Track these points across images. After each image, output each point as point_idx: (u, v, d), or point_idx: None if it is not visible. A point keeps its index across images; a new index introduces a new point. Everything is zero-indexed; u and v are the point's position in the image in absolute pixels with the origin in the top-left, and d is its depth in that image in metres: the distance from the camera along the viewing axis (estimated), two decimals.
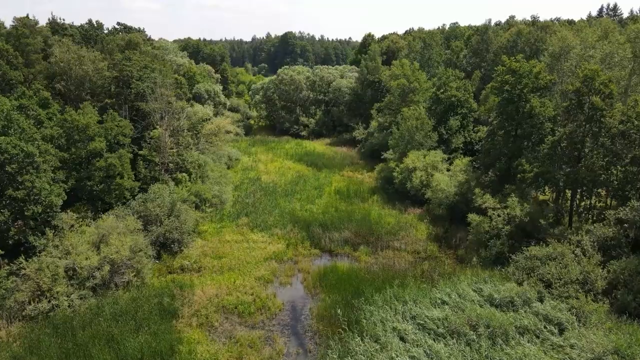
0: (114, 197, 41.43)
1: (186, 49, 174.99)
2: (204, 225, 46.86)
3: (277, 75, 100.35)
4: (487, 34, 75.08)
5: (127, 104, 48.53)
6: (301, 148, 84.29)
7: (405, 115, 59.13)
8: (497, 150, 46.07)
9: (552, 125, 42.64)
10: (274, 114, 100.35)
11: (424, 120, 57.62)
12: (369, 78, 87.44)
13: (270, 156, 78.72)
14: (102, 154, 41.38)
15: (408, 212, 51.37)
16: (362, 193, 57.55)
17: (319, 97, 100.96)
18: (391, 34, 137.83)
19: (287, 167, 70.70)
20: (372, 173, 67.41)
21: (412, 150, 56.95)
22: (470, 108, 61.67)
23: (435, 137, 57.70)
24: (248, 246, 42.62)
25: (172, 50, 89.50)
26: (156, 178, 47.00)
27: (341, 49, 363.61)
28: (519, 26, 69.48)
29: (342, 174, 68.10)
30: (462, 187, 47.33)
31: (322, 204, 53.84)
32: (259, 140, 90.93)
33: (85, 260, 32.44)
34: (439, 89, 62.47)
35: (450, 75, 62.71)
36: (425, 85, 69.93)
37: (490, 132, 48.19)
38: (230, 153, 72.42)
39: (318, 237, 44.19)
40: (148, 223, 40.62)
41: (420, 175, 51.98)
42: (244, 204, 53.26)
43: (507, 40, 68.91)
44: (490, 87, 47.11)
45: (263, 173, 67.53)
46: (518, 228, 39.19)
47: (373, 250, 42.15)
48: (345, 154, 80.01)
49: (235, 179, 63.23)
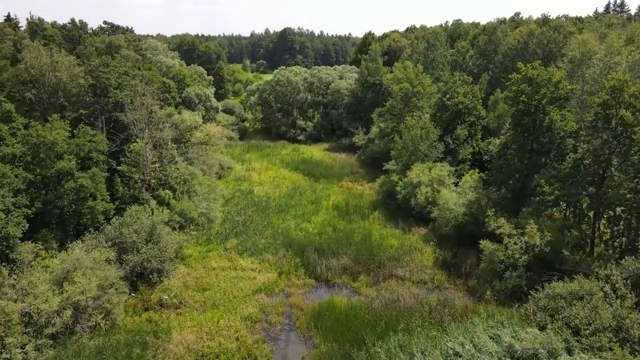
0: (85, 222, 37.12)
1: (181, 47, 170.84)
2: (189, 249, 42.64)
3: (273, 76, 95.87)
4: (496, 34, 70.55)
5: (104, 114, 44.16)
6: (298, 154, 79.94)
7: (409, 124, 54.77)
8: (510, 166, 41.78)
9: (574, 141, 38.31)
10: (270, 117, 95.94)
11: (429, 129, 53.27)
12: (369, 80, 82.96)
13: (264, 164, 74.40)
14: (73, 174, 37.05)
15: (412, 231, 47.11)
16: (362, 208, 53.27)
17: (317, 99, 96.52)
18: (392, 31, 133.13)
19: (283, 177, 66.40)
20: (372, 184, 63.11)
21: (416, 163, 52.64)
22: (479, 115, 57.29)
23: (441, 148, 53.39)
24: (236, 275, 38.39)
25: (162, 51, 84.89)
26: (136, 197, 42.72)
27: (341, 45, 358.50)
28: (529, 26, 65.01)
29: (341, 184, 63.82)
30: (472, 207, 43.06)
31: (319, 221, 49.59)
32: (254, 146, 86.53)
33: (43, 304, 28.21)
34: (445, 95, 58.05)
35: (457, 80, 58.28)
36: (430, 89, 65.51)
37: (503, 145, 43.87)
38: (222, 161, 68.14)
39: (313, 263, 39.95)
40: (123, 251, 36.37)
41: (425, 192, 47.71)
42: (234, 222, 48.98)
43: (518, 41, 64.40)
44: (504, 97, 42.72)
45: (256, 184, 63.23)
46: (537, 258, 34.98)
47: (374, 280, 37.92)
48: (345, 162, 75.67)
49: (226, 192, 58.94)
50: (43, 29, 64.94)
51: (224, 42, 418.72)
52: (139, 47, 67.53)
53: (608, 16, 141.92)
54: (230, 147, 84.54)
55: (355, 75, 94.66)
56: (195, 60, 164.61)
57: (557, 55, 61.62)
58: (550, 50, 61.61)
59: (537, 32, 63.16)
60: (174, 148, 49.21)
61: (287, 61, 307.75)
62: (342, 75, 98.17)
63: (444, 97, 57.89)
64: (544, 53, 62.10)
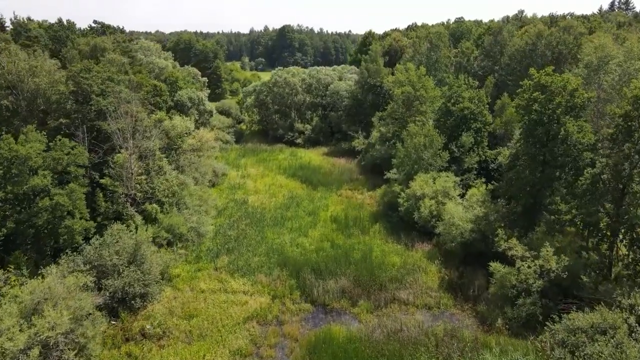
0: (62, 243, 34.26)
1: (178, 45, 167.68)
2: (177, 268, 39.79)
3: (270, 77, 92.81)
4: (502, 34, 67.47)
5: (86, 123, 41.19)
6: (295, 159, 77.00)
7: (412, 131, 51.81)
8: (521, 179, 38.86)
9: (591, 154, 35.39)
10: (267, 119, 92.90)
11: (433, 137, 50.32)
12: (369, 82, 79.91)
13: (261, 170, 71.48)
14: (48, 191, 34.17)
15: (415, 247, 44.27)
16: (362, 221, 50.40)
17: (315, 101, 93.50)
18: (393, 30, 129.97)
19: (279, 185, 63.50)
20: (373, 193, 60.22)
21: (419, 173, 49.72)
22: (485, 121, 54.33)
23: (446, 157, 50.44)
24: (226, 299, 35.54)
25: (154, 51, 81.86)
26: (120, 213, 39.84)
27: (341, 42, 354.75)
28: (537, 27, 61.98)
29: (340, 193, 60.91)
30: (480, 223, 40.20)
31: (316, 236, 46.73)
32: (250, 150, 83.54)
33: (8, 342, 25.36)
34: (449, 100, 55.07)
35: (462, 83, 55.30)
36: (433, 93, 62.49)
37: (513, 157, 40.95)
38: (215, 168, 65.21)
39: (310, 285, 37.11)
40: (103, 275, 33.55)
41: (429, 205, 44.81)
42: (226, 237, 46.09)
43: (526, 43, 61.34)
44: (515, 105, 39.77)
45: (251, 193, 60.32)
46: (553, 283, 32.16)
47: (375, 304, 35.09)
48: (344, 167, 72.72)
49: (219, 201, 56.05)
50: (27, 29, 61.90)
51: (222, 40, 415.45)
52: (129, 49, 64.50)
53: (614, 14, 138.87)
54: (225, 151, 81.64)
55: (355, 76, 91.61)
56: (192, 59, 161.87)
57: (567, 57, 58.68)
58: (560, 52, 58.60)
59: (545, 33, 60.10)
60: (162, 158, 46.26)
61: (286, 59, 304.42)
62: (342, 76, 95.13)
63: (449, 102, 54.92)
64: (554, 55, 59.09)
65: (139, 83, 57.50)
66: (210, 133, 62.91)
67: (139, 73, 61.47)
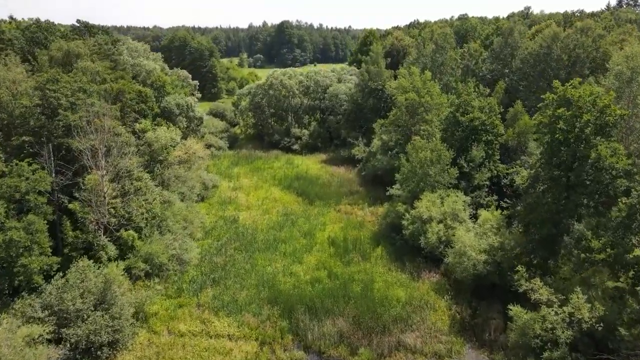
0: (17, 284, 29.89)
1: (172, 42, 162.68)
2: (155, 305, 35.39)
3: (266, 79, 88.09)
4: (513, 35, 62.73)
5: (53, 141, 36.65)
6: (292, 168, 72.49)
7: (417, 145, 47.25)
8: (543, 206, 34.40)
9: (627, 181, 30.90)
10: (263, 123, 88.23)
11: (440, 152, 45.77)
12: (370, 85, 75.21)
13: (254, 180, 66.98)
14: (2, 224, 29.73)
15: (422, 276, 39.88)
16: (362, 243, 46.01)
17: (313, 104, 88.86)
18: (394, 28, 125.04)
19: (273, 199, 59.01)
20: (374, 208, 55.80)
21: (425, 191, 45.23)
22: (497, 133, 49.79)
23: (454, 174, 45.92)
24: (207, 346, 31.17)
25: (142, 52, 77.02)
26: (90, 243, 35.42)
27: (341, 38, 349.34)
28: (552, 28, 57.24)
29: (338, 208, 56.43)
30: (496, 254, 35.80)
31: (312, 263, 42.34)
32: (244, 157, 78.92)
33: None
34: (458, 109, 50.49)
35: (471, 91, 50.69)
36: (439, 100, 57.85)
37: (533, 179, 36.40)
38: (205, 179, 60.65)
39: (304, 328, 32.75)
40: (64, 323, 29.16)
41: (437, 230, 40.37)
42: (212, 264, 41.68)
43: (540, 45, 56.61)
44: (538, 123, 35.19)
45: (243, 209, 55.84)
46: (584, 334, 27.77)
47: (378, 352, 30.71)
48: (343, 177, 68.20)
49: (207, 219, 51.62)
50: (1, 31, 57.17)
51: (220, 35, 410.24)
52: (111, 52, 59.74)
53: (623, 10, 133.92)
54: (218, 159, 77.16)
55: (355, 78, 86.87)
56: (187, 57, 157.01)
57: (586, 62, 54.01)
58: (578, 56, 53.92)
59: (562, 36, 55.38)
60: (142, 177, 41.72)
61: (285, 55, 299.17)
62: (341, 78, 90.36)
63: (457, 111, 50.32)
64: (570, 59, 54.41)
65: (120, 90, 52.89)
66: (198, 144, 58.33)
67: (121, 79, 56.77)
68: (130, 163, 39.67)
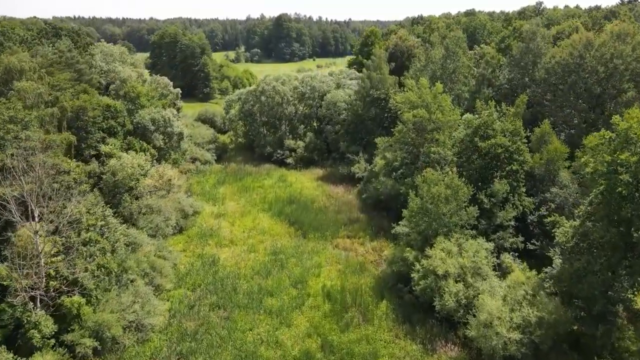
0: None
1: (162, 39, 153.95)
2: None
3: (257, 85, 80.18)
4: (535, 40, 54.76)
5: None
6: (285, 187, 64.95)
7: (429, 179, 39.62)
8: (595, 274, 26.94)
9: None
10: (254, 132, 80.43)
11: (458, 187, 38.16)
12: (372, 94, 67.37)
13: (242, 204, 59.46)
14: None
15: (437, 349, 32.52)
16: (363, 295, 38.64)
17: (309, 112, 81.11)
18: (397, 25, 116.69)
19: (261, 230, 51.50)
20: (377, 243, 48.45)
21: (439, 236, 37.73)
22: (523, 161, 42.22)
23: (474, 213, 38.39)
24: None
25: (118, 56, 69.12)
26: (19, 319, 28.00)
27: (340, 32, 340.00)
28: (586, 35, 49.24)
29: (336, 242, 49.03)
30: (533, 332, 28.38)
31: (303, 326, 34.97)
32: (232, 173, 71.24)
33: None
34: (476, 132, 42.84)
35: (492, 111, 43.01)
36: (452, 116, 50.14)
37: (580, 237, 28.86)
38: (184, 206, 53.03)
39: None
40: None
41: (456, 291, 32.91)
42: (180, 331, 34.20)
43: (570, 54, 48.67)
44: (592, 171, 27.51)
45: (226, 244, 48.37)
46: None
47: None
48: (342, 200, 60.61)
49: (182, 261, 44.22)
50: None
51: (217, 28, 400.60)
52: (74, 61, 51.91)
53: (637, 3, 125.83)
54: (203, 175, 69.60)
55: (355, 83, 78.98)
56: (178, 54, 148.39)
57: (625, 75, 46.17)
58: (616, 67, 46.05)
59: (596, 43, 47.49)
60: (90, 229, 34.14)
61: (282, 50, 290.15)
62: (340, 83, 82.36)
63: (475, 135, 42.68)
64: (607, 71, 46.53)
65: (81, 108, 45.34)
66: (173, 170, 50.54)
67: (84, 93, 49.15)
68: (78, 210, 32.06)
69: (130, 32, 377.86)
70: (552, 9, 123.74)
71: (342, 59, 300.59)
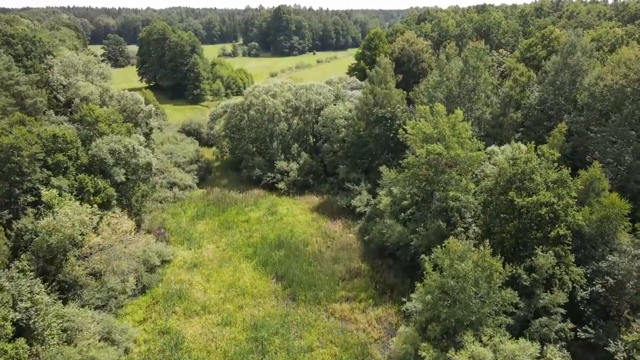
0: None
1: (150, 36, 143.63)
2: None
3: (244, 98, 70.53)
4: (575, 54, 44.90)
5: None
6: (274, 222, 55.75)
7: (451, 249, 30.28)
8: None
9: None
10: (241, 149, 70.92)
11: (491, 265, 28.84)
12: (376, 112, 57.76)
13: (222, 247, 50.38)
14: None
15: None
16: None
17: (304, 127, 71.64)
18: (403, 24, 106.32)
19: (242, 290, 42.39)
20: (382, 310, 39.40)
21: (466, 329, 28.56)
22: (571, 223, 32.82)
23: (513, 299, 29.14)
24: None
25: (81, 67, 59.47)
26: None
27: (342, 23, 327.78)
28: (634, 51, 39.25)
29: (331, 308, 40.00)
30: None
31: None
32: (215, 202, 61.93)
33: None
34: (511, 184, 33.41)
35: (532, 156, 33.52)
36: (474, 151, 40.67)
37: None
38: (150, 256, 44.03)
39: None
40: None
41: None
42: None
43: (625, 76, 38.75)
44: None
45: (196, 311, 39.31)
46: None
47: None
48: (340, 241, 51.28)
49: (136, 345, 35.15)
50: None
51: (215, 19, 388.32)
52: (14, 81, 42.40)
53: None
54: (181, 205, 60.48)
55: (357, 94, 69.32)
56: (167, 53, 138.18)
57: None
58: None
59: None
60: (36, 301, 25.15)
61: (281, 43, 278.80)
62: (339, 94, 72.56)
63: (510, 188, 33.23)
64: None
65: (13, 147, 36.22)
66: (128, 222, 41.21)
67: (19, 124, 39.83)
68: None
69: (124, 23, 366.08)
70: (574, 3, 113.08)
71: (344, 52, 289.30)
